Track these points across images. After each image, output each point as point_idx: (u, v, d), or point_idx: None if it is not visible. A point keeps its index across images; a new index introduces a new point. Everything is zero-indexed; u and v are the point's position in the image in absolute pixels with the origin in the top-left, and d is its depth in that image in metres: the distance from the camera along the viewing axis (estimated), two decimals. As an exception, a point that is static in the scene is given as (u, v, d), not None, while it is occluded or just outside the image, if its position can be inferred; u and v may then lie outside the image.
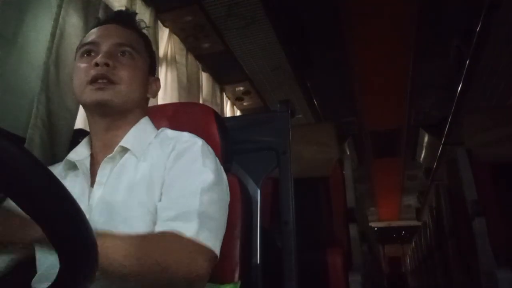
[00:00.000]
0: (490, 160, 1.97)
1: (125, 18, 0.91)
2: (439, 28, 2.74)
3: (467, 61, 2.78)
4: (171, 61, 2.15)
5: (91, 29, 0.91)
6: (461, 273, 2.73)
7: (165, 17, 2.07)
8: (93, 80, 0.80)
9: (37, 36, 1.24)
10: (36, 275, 0.77)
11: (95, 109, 0.83)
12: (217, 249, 0.71)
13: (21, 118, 1.15)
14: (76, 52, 0.88)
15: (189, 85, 2.29)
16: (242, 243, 0.95)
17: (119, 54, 0.84)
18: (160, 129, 0.90)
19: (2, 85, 1.12)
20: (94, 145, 0.87)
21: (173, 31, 2.18)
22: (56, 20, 1.26)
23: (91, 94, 0.80)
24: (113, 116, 0.84)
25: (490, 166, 1.96)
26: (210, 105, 2.24)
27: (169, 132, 0.89)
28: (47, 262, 0.75)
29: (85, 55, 0.84)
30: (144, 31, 0.95)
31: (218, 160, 0.84)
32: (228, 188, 0.84)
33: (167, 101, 2.02)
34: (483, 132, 2.01)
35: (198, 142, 0.83)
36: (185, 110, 1.07)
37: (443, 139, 4.09)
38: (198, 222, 0.69)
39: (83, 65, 0.83)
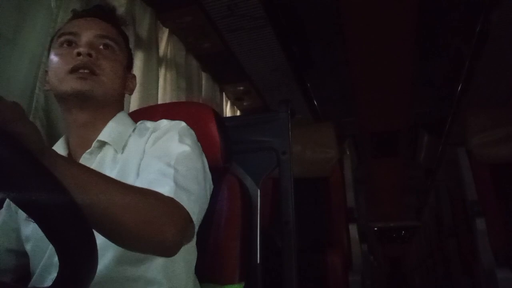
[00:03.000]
0: (490, 160, 1.97)
1: (105, 12, 0.89)
2: (439, 28, 2.74)
3: (467, 61, 2.78)
4: (171, 61, 2.15)
5: (69, 19, 0.88)
6: (461, 273, 2.73)
7: (165, 17, 2.07)
8: (75, 69, 0.77)
9: (37, 36, 1.24)
10: (31, 282, 0.76)
11: (74, 101, 0.79)
12: (195, 216, 0.66)
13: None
14: (52, 42, 0.85)
15: (189, 85, 2.29)
16: (242, 243, 0.95)
17: (100, 46, 0.82)
18: (139, 122, 0.89)
19: (1, 85, 1.12)
20: (71, 142, 0.84)
21: (173, 31, 2.18)
22: (56, 20, 1.26)
23: (72, 83, 0.77)
24: (92, 109, 0.81)
25: (490, 166, 1.96)
26: (210, 105, 2.23)
27: (147, 123, 0.87)
28: (39, 269, 0.75)
29: (65, 45, 0.81)
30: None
31: (199, 143, 0.82)
32: (208, 171, 0.80)
33: (167, 101, 2.02)
34: (483, 132, 2.01)
35: (178, 124, 0.82)
36: (184, 109, 1.07)
37: (443, 139, 4.09)
38: (174, 185, 0.65)
39: (62, 54, 0.80)
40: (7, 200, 0.85)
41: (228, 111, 3.05)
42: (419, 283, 7.08)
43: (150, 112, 1.02)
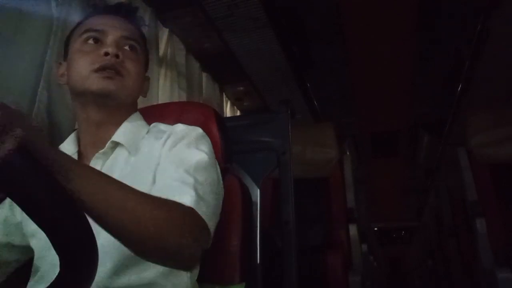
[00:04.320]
0: (490, 160, 1.97)
1: (130, 13, 0.90)
2: (439, 28, 2.74)
3: (467, 61, 2.78)
4: (171, 61, 2.15)
5: (91, 14, 0.88)
6: (461, 273, 2.73)
7: (165, 17, 2.07)
8: (101, 69, 0.78)
9: (37, 35, 1.24)
10: (35, 277, 0.76)
11: (96, 99, 0.80)
12: (212, 228, 0.67)
13: (21, 118, 1.14)
14: (75, 34, 0.85)
15: (189, 85, 2.28)
16: (242, 243, 0.95)
17: (125, 48, 0.83)
18: (152, 124, 0.89)
19: (2, 84, 1.12)
20: (83, 140, 0.84)
21: (173, 31, 2.18)
22: (57, 19, 1.26)
23: (98, 82, 0.77)
24: (109, 109, 0.82)
25: (490, 166, 1.96)
26: (210, 105, 2.22)
27: (162, 126, 0.87)
28: (45, 264, 0.75)
29: (90, 42, 0.81)
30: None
31: (213, 150, 0.83)
32: (221, 180, 0.81)
33: (167, 101, 2.02)
34: (483, 132, 2.01)
35: (195, 130, 0.82)
36: (185, 109, 1.07)
37: (443, 139, 4.09)
38: (195, 195, 0.66)
39: (88, 52, 0.80)
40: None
41: (228, 111, 3.05)
42: (419, 283, 7.08)
43: (151, 112, 1.02)
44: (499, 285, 1.60)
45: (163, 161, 0.76)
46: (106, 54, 0.78)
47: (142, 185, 0.72)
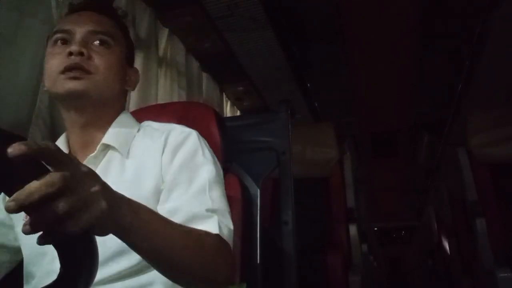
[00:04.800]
0: (490, 160, 1.97)
1: (101, 5, 0.85)
2: (439, 28, 2.74)
3: (467, 61, 2.78)
4: (171, 61, 2.15)
5: (64, 15, 0.85)
6: (461, 273, 2.73)
7: (165, 17, 2.07)
8: (66, 70, 0.74)
9: (37, 36, 1.24)
10: (30, 285, 0.75)
11: (70, 102, 0.77)
12: (232, 249, 0.71)
13: (22, 118, 1.15)
14: (47, 40, 0.82)
15: (189, 85, 2.28)
16: (242, 243, 0.95)
17: (94, 43, 0.78)
18: (143, 122, 0.87)
19: (3, 85, 1.12)
20: (71, 143, 0.82)
21: (173, 31, 2.17)
22: (57, 20, 1.26)
23: (64, 84, 0.74)
24: (90, 110, 0.79)
25: (490, 166, 1.96)
26: (210, 105, 2.22)
27: (154, 125, 0.85)
28: (39, 271, 0.73)
29: (58, 44, 0.78)
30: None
31: (211, 149, 0.83)
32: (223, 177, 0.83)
33: (167, 101, 2.02)
34: (483, 132, 2.01)
35: (193, 132, 0.81)
36: (185, 109, 1.07)
37: (443, 139, 4.09)
38: (217, 220, 0.69)
39: (55, 54, 0.77)
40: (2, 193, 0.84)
41: (228, 111, 3.05)
42: (419, 283, 7.07)
43: (150, 112, 1.02)
44: (499, 285, 1.60)
45: (170, 172, 0.75)
46: (70, 53, 0.75)
47: (142, 192, 0.72)
